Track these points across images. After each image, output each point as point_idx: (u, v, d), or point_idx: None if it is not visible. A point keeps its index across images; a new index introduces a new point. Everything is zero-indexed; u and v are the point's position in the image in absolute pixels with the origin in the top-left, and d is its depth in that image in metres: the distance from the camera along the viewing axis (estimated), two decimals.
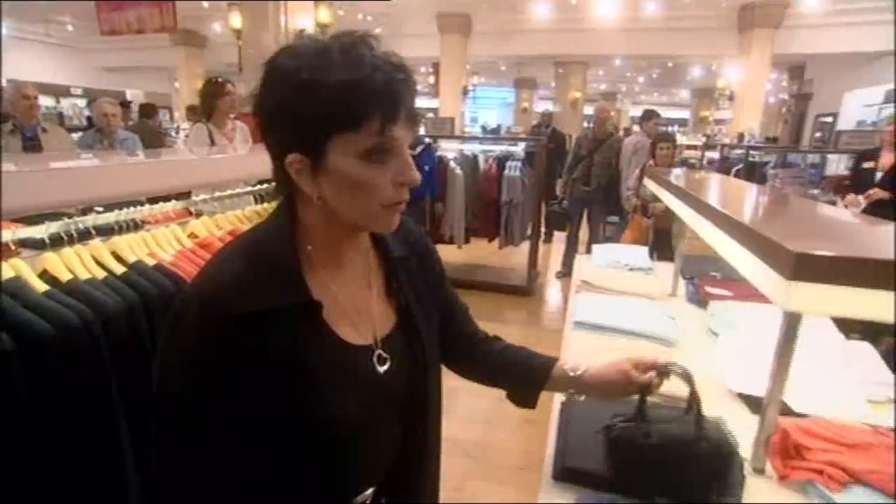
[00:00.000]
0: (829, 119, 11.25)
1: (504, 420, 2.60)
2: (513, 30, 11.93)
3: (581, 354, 1.42)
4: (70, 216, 1.42)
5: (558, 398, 1.21)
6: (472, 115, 20.64)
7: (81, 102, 13.09)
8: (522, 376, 0.88)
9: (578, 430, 1.06)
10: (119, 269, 1.44)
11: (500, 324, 4.06)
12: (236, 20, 5.14)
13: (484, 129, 15.34)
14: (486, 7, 10.65)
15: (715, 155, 7.27)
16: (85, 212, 1.50)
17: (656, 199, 2.66)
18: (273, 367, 0.61)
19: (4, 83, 10.55)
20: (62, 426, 1.17)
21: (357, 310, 0.69)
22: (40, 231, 1.38)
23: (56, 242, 1.35)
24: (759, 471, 0.99)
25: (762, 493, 0.94)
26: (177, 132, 8.34)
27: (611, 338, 1.54)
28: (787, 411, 1.09)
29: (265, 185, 1.74)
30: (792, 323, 0.93)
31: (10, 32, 13.49)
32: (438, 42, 11.13)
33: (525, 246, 4.79)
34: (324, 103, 0.56)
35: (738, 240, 0.80)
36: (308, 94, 0.56)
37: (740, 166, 5.79)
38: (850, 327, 1.56)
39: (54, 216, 1.36)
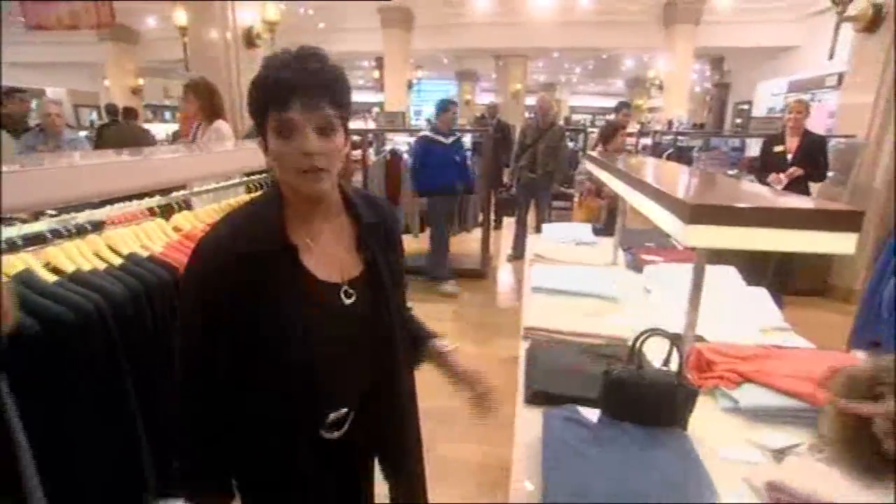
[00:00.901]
0: (746, 107, 12.28)
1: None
2: (453, 23, 12.15)
3: (540, 314, 1.67)
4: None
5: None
6: (416, 108, 20.73)
7: None
8: (414, 345, 1.14)
9: (540, 367, 1.30)
10: (117, 261, 1.56)
11: (459, 305, 4.31)
12: (181, 17, 5.04)
13: (429, 121, 15.51)
14: (426, 1, 10.80)
15: (648, 141, 7.83)
16: (37, 216, 1.59)
17: None
18: (258, 298, 0.84)
19: None
20: (81, 399, 1.31)
21: (329, 258, 0.91)
22: (42, 226, 1.48)
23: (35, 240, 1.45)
24: None
25: None
26: None
27: (563, 299, 1.81)
28: (700, 340, 1.39)
29: (255, 177, 1.87)
30: (699, 272, 1.20)
31: None
32: (381, 36, 11.18)
33: (477, 232, 5.06)
34: (255, 95, 0.82)
35: (657, 201, 1.06)
36: (252, 92, 0.83)
37: (671, 150, 6.31)
38: (759, 279, 1.92)
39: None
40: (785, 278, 3.69)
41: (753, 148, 5.92)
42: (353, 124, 9.27)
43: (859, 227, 0.81)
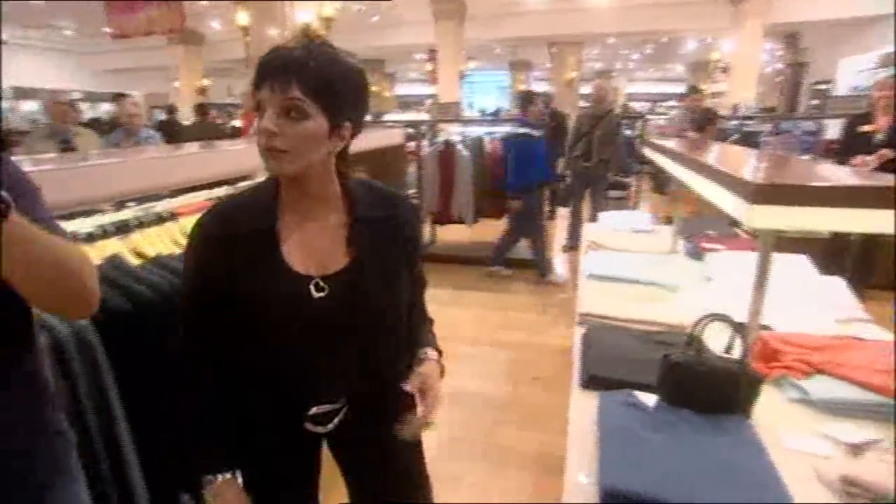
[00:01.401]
0: (825, 87, 11.37)
1: (517, 376, 2.85)
2: (507, 13, 12.01)
3: (595, 300, 1.66)
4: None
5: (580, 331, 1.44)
6: (469, 99, 20.68)
7: (83, 105, 13.25)
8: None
9: (596, 352, 1.29)
10: None
11: (511, 294, 4.30)
12: (243, 17, 5.31)
13: (481, 112, 15.45)
14: None
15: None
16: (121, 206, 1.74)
17: None
18: (236, 277, 0.86)
19: (4, 88, 10.69)
20: (157, 369, 1.44)
21: (311, 248, 0.89)
22: (128, 215, 1.62)
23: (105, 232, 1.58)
24: None
25: None
26: None
27: (619, 285, 1.77)
28: (766, 329, 1.32)
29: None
30: (765, 256, 1.14)
31: (10, 40, 13.64)
32: (434, 29, 11.21)
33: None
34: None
35: (719, 183, 1.02)
36: None
37: (736, 136, 5.97)
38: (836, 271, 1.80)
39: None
40: (865, 270, 3.41)
41: (832, 131, 5.49)
42: (409, 117, 9.34)
43: None
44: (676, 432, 0.95)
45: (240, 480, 0.96)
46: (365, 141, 2.99)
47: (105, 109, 12.86)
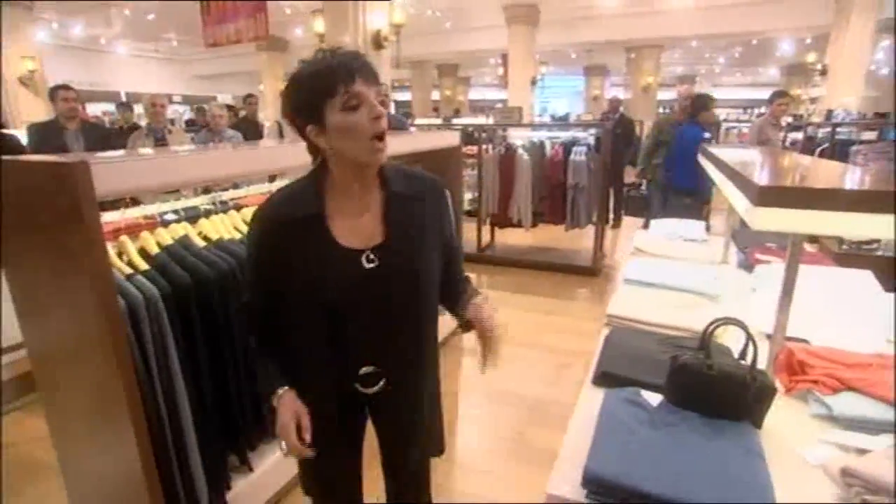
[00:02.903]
0: None
1: (562, 380, 2.84)
2: (581, 17, 11.78)
3: (627, 303, 1.64)
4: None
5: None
6: (542, 104, 20.43)
7: (181, 108, 14.57)
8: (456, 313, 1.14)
9: (613, 351, 1.30)
10: None
11: (566, 301, 4.25)
12: (320, 25, 5.65)
13: (553, 117, 15.25)
14: None
15: (799, 136, 6.87)
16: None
17: None
18: (291, 258, 0.97)
19: (123, 97, 12.07)
20: (215, 338, 1.61)
21: (356, 226, 1.00)
22: (199, 202, 1.82)
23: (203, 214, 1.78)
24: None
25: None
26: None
27: (657, 291, 1.74)
28: (803, 342, 1.26)
29: None
30: (792, 265, 1.10)
31: (128, 51, 15.35)
32: (506, 33, 11.23)
33: (591, 229, 4.91)
34: (310, 86, 0.91)
35: (735, 185, 1.01)
36: (302, 85, 0.92)
37: (825, 145, 5.50)
38: None
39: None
40: None
41: None
42: (475, 120, 9.36)
43: None
44: (674, 431, 0.95)
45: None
46: (421, 142, 3.11)
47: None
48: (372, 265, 0.99)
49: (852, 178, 1.02)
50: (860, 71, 9.44)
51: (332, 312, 0.99)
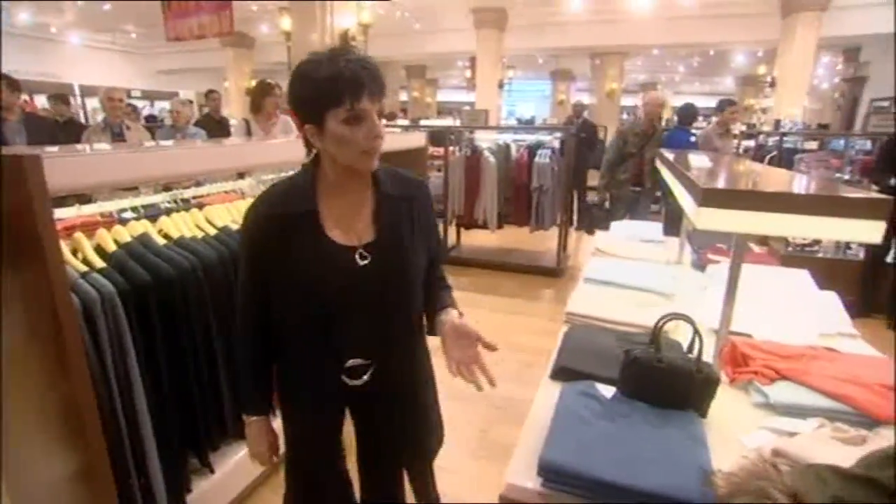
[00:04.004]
0: (886, 103, 10.77)
1: (527, 378, 2.90)
2: (548, 22, 12.01)
3: (585, 301, 1.70)
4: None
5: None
6: (510, 108, 20.67)
7: (140, 104, 14.06)
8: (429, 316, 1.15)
9: (570, 347, 1.35)
10: (212, 231, 1.84)
11: (531, 301, 4.34)
12: (286, 23, 5.58)
13: (519, 120, 15.47)
14: (521, 1, 10.79)
15: (752, 143, 7.22)
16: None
17: None
18: (285, 253, 0.98)
19: (76, 90, 11.56)
20: (175, 338, 1.58)
21: (349, 224, 1.03)
22: (159, 199, 1.79)
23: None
24: None
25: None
26: None
27: (615, 290, 1.81)
28: (747, 337, 1.35)
29: None
30: (736, 265, 1.17)
31: (82, 41, 14.66)
32: (475, 36, 11.34)
33: (555, 231, 5.02)
34: (316, 90, 0.90)
35: (684, 186, 1.08)
36: (309, 85, 0.91)
37: (773, 153, 5.80)
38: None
39: None
40: None
41: None
42: (442, 122, 9.41)
43: (885, 215, 0.78)
44: (626, 422, 1.00)
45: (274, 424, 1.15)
46: (388, 142, 3.12)
47: (160, 107, 13.62)
48: (364, 262, 1.01)
49: (796, 183, 1.10)
50: (804, 84, 10.00)
51: (325, 308, 1.02)
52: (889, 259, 3.65)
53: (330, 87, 0.89)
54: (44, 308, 1.20)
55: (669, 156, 1.75)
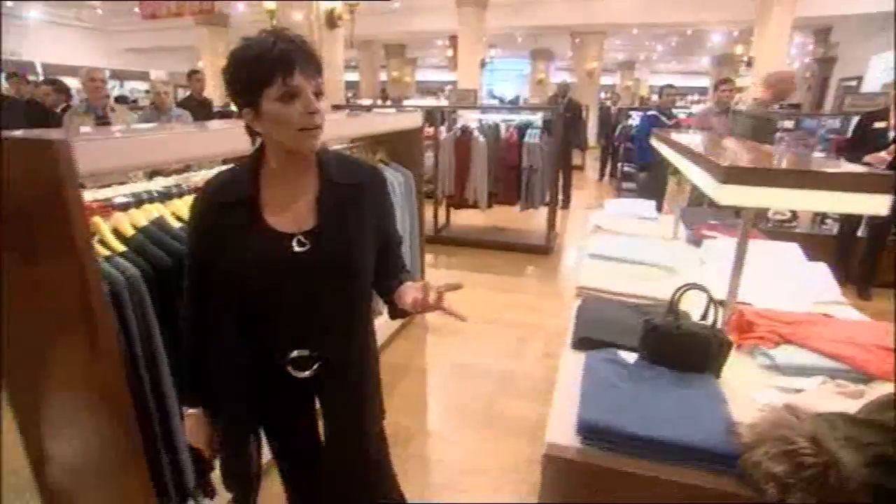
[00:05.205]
0: (854, 83, 11.12)
1: (524, 353, 3.00)
2: (528, 1, 11.94)
3: (594, 276, 1.78)
4: None
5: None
6: (489, 87, 20.59)
7: (109, 84, 13.53)
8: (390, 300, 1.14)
9: (588, 318, 1.43)
10: None
11: (522, 278, 4.43)
12: (270, 3, 5.44)
13: (501, 100, 15.42)
14: None
15: None
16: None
17: None
18: (225, 240, 0.99)
19: (39, 68, 11.02)
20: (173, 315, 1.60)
21: (289, 211, 1.01)
22: (156, 185, 1.79)
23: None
24: None
25: None
26: None
27: (619, 265, 1.89)
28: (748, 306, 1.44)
29: None
30: (743, 239, 1.26)
31: (44, 17, 13.95)
32: (455, 15, 11.21)
33: (544, 210, 5.11)
34: (248, 72, 0.90)
35: (700, 166, 1.15)
36: (241, 68, 0.91)
37: None
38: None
39: None
40: (869, 271, 3.50)
41: None
42: (427, 102, 9.36)
43: (890, 188, 0.86)
44: (650, 384, 1.09)
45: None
46: (384, 123, 3.12)
47: (130, 87, 13.13)
48: (301, 249, 1.00)
49: (797, 161, 1.18)
50: (780, 64, 10.19)
51: (259, 295, 1.02)
52: (859, 233, 3.86)
53: (260, 66, 0.89)
54: (75, 292, 1.21)
55: (675, 136, 1.82)
